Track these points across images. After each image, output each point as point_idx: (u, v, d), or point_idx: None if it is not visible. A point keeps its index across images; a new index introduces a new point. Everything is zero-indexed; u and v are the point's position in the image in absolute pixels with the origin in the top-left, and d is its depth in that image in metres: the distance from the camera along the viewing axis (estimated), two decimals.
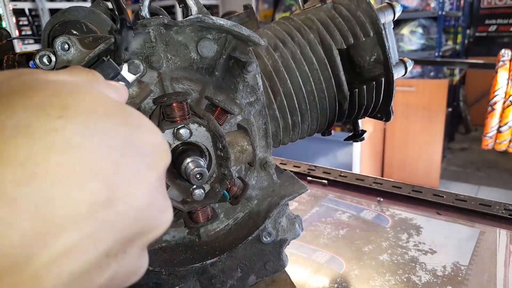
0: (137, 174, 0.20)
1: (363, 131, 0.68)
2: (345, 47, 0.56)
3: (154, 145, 0.22)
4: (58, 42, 0.38)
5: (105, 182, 0.19)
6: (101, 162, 0.19)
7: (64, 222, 0.17)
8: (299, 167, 1.12)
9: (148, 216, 0.21)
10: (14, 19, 2.87)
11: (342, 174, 1.06)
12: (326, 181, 1.03)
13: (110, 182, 0.19)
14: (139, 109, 0.46)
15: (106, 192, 0.19)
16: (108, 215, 0.19)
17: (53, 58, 0.39)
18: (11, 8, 2.81)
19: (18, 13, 3.11)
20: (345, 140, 0.71)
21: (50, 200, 0.17)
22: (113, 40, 0.39)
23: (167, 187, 0.47)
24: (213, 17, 0.44)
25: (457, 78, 4.00)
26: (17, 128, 0.17)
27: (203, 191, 0.47)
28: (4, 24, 2.72)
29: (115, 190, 0.19)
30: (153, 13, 0.53)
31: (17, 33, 2.93)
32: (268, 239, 0.54)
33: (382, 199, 0.93)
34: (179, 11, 3.82)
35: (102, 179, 0.19)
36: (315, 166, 1.12)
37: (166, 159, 0.23)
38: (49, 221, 0.17)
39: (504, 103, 2.18)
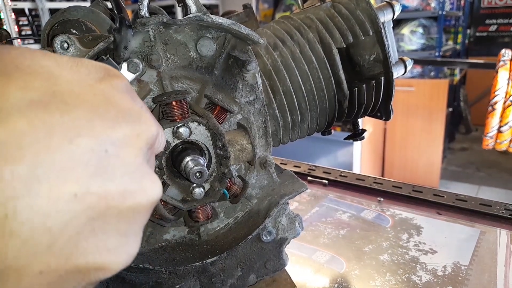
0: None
1: (363, 130, 0.68)
2: (345, 46, 0.56)
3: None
4: (58, 41, 0.38)
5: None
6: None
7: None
8: (299, 167, 1.12)
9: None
10: (14, 19, 2.87)
11: (342, 174, 1.06)
12: (326, 181, 1.03)
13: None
14: None
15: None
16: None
17: None
18: (11, 7, 2.81)
19: (18, 13, 3.11)
20: (345, 139, 0.71)
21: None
22: (112, 39, 0.39)
23: (167, 186, 0.47)
24: (212, 16, 0.44)
25: (457, 78, 4.00)
26: None
27: (203, 190, 0.47)
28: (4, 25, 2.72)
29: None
30: (152, 12, 0.53)
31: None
32: (268, 238, 0.54)
33: (382, 199, 0.93)
34: (179, 10, 3.82)
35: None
36: (316, 166, 1.12)
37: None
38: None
39: (504, 102, 2.17)
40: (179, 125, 0.44)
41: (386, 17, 0.59)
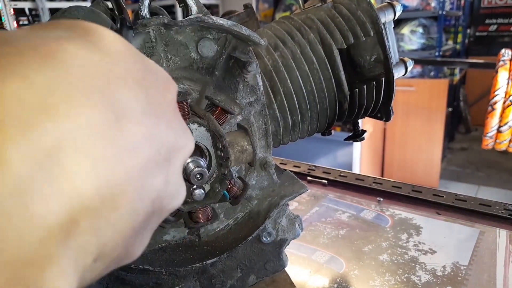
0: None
1: (363, 131, 0.68)
2: (346, 46, 0.56)
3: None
4: None
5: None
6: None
7: None
8: (299, 167, 1.12)
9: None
10: (14, 21, 2.87)
11: (342, 174, 1.06)
12: (326, 181, 1.03)
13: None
14: None
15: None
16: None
17: None
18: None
19: (18, 13, 3.11)
20: (345, 140, 0.71)
21: None
22: None
23: None
24: (213, 17, 0.44)
25: (457, 77, 4.00)
26: None
27: (203, 191, 0.47)
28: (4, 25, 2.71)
29: None
30: (153, 12, 0.53)
31: None
32: (268, 239, 0.54)
33: (382, 199, 0.93)
34: (179, 11, 3.82)
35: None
36: (315, 166, 1.12)
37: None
38: None
39: (504, 102, 2.18)
40: None
41: (387, 18, 0.59)
